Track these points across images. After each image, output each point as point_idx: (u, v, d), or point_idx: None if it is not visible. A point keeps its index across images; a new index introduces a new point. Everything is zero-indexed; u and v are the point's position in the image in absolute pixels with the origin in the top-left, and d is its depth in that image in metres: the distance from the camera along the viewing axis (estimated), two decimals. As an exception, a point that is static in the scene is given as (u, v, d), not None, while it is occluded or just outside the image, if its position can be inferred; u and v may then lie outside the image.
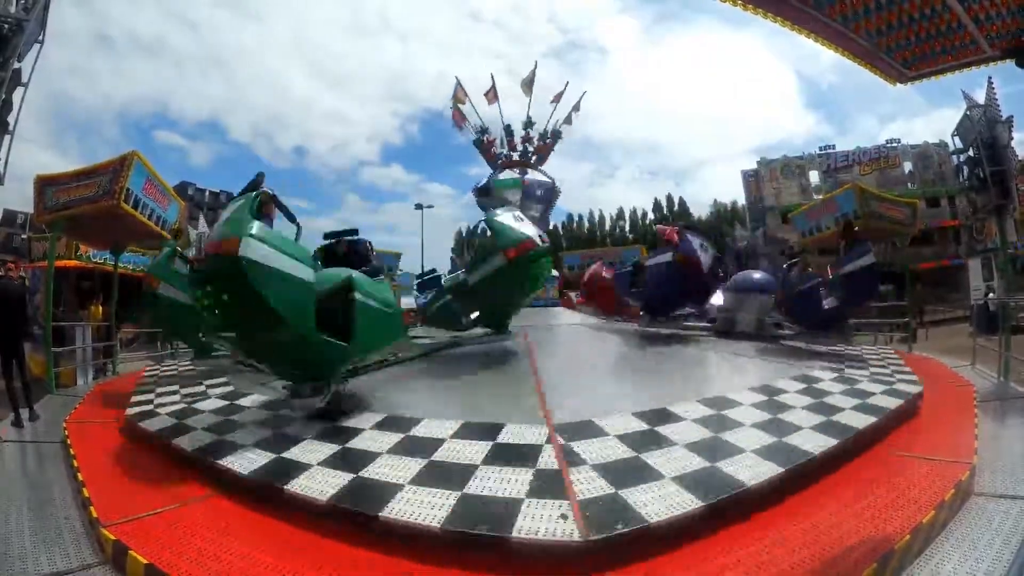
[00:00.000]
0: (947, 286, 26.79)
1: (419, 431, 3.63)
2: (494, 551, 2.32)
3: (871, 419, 3.87)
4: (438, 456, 3.18)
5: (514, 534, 2.31)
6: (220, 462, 3.36)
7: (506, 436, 3.39)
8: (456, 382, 5.52)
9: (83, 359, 8.66)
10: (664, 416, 3.74)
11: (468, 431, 3.53)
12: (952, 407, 4.68)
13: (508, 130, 16.38)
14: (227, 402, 4.98)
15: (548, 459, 3.01)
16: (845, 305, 7.68)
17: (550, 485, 2.71)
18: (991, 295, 16.90)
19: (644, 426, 3.54)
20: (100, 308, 11.22)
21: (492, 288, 6.57)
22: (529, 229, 6.64)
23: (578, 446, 3.17)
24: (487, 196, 16.53)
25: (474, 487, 2.75)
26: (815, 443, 3.32)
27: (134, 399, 5.37)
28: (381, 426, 3.80)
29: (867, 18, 5.01)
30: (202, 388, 5.71)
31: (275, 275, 3.60)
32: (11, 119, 5.98)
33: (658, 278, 8.59)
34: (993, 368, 6.27)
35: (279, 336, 3.83)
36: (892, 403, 4.33)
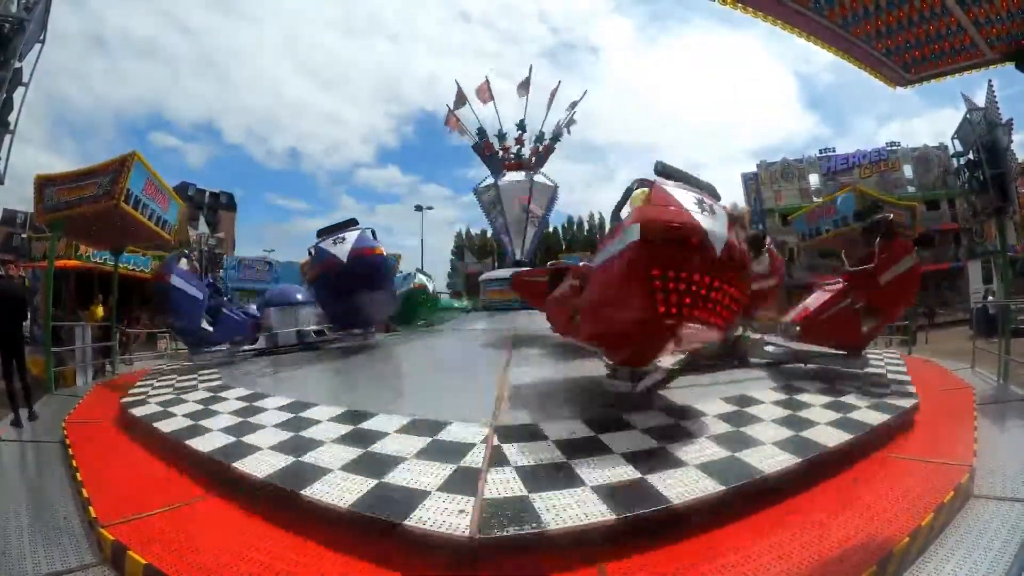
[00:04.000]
0: (947, 289, 26.83)
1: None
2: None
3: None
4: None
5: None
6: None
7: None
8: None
9: (83, 359, 8.66)
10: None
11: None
12: (951, 410, 4.67)
13: (500, 134, 16.35)
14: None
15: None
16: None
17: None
18: (991, 298, 16.92)
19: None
20: (101, 308, 11.22)
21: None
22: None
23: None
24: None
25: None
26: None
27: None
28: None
29: (867, 21, 5.02)
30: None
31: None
32: (11, 119, 6.00)
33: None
34: (993, 371, 6.27)
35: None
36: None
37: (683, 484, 2.71)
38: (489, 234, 25.75)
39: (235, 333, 8.37)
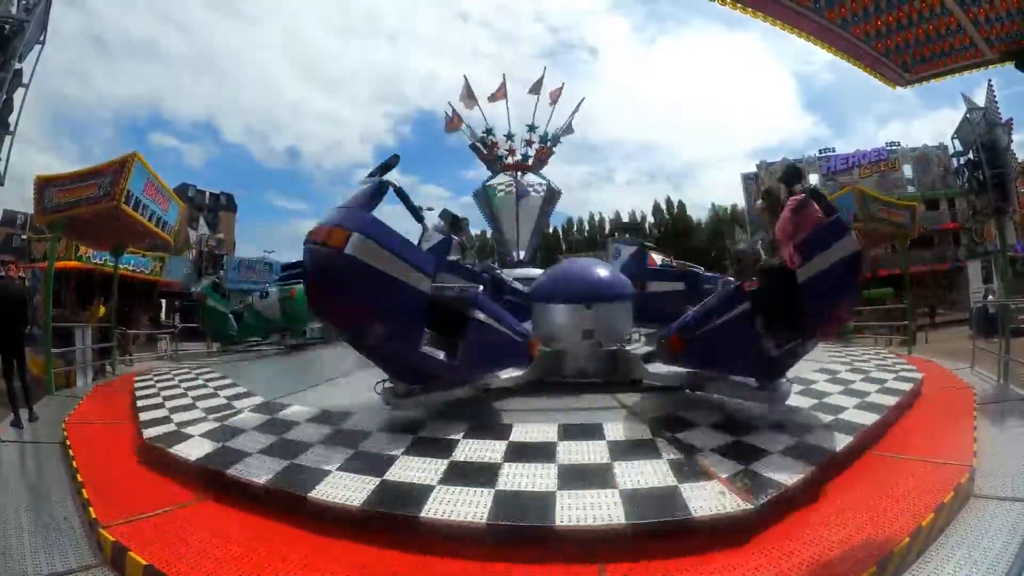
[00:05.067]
0: (946, 289, 26.84)
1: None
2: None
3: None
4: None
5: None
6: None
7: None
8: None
9: (83, 360, 8.65)
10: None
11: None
12: (951, 409, 4.67)
13: (509, 136, 16.36)
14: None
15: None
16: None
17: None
18: (991, 297, 16.92)
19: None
20: (102, 308, 11.22)
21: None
22: None
23: None
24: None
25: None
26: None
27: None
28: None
29: (867, 21, 5.02)
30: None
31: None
32: (12, 120, 6.00)
33: None
34: (992, 371, 6.27)
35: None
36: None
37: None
38: (489, 234, 25.71)
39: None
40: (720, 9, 5.45)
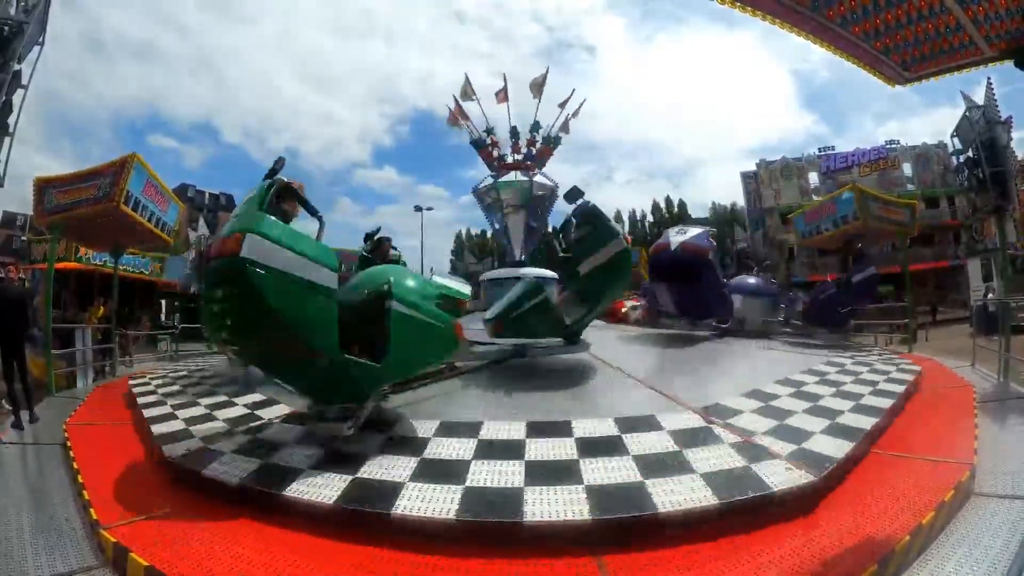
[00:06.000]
0: (946, 287, 26.84)
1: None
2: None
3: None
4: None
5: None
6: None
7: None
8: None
9: (83, 361, 8.65)
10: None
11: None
12: (952, 408, 4.68)
13: (514, 131, 16.33)
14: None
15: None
16: (854, 308, 9.76)
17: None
18: (991, 295, 16.92)
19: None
20: (102, 308, 11.22)
21: (602, 280, 6.02)
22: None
23: None
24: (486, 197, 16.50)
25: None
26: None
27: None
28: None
29: (866, 19, 5.01)
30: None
31: (285, 279, 3.13)
32: (11, 121, 6.00)
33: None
34: (993, 369, 6.27)
35: (292, 352, 3.36)
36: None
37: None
38: (489, 234, 25.72)
39: None
40: (718, 7, 5.44)
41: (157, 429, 4.32)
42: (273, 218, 3.28)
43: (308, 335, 3.27)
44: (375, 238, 5.65)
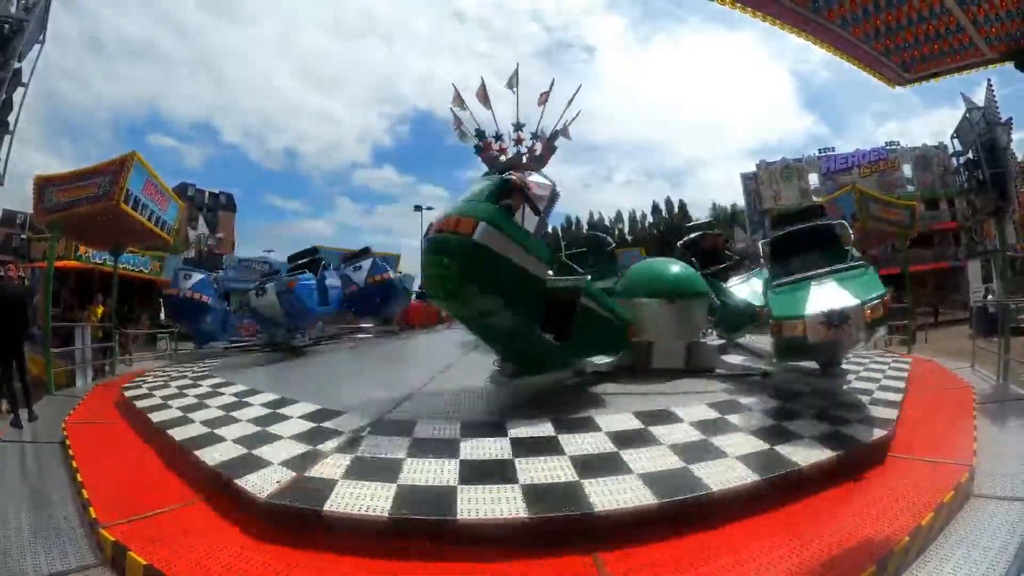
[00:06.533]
0: (945, 288, 26.85)
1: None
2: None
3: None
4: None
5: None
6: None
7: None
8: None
9: (82, 360, 8.65)
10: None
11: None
12: (951, 409, 4.68)
13: (497, 135, 16.29)
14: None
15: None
16: None
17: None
18: (990, 297, 16.93)
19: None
20: (101, 308, 11.21)
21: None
22: None
23: None
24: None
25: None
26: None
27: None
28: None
29: (866, 20, 5.01)
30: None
31: (506, 265, 3.80)
32: (11, 119, 6.00)
33: None
34: (992, 370, 6.27)
35: (494, 321, 4.05)
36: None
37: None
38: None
39: None
40: (718, 8, 5.44)
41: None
42: (504, 211, 3.96)
43: (510, 313, 3.95)
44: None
